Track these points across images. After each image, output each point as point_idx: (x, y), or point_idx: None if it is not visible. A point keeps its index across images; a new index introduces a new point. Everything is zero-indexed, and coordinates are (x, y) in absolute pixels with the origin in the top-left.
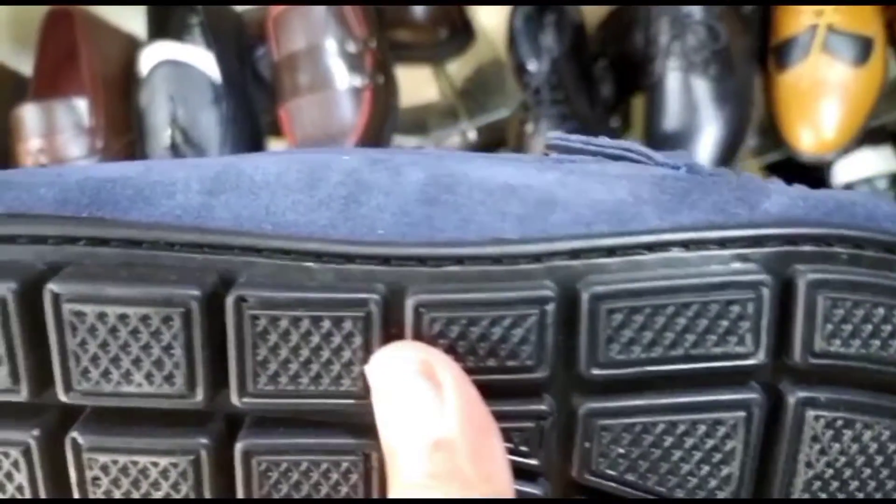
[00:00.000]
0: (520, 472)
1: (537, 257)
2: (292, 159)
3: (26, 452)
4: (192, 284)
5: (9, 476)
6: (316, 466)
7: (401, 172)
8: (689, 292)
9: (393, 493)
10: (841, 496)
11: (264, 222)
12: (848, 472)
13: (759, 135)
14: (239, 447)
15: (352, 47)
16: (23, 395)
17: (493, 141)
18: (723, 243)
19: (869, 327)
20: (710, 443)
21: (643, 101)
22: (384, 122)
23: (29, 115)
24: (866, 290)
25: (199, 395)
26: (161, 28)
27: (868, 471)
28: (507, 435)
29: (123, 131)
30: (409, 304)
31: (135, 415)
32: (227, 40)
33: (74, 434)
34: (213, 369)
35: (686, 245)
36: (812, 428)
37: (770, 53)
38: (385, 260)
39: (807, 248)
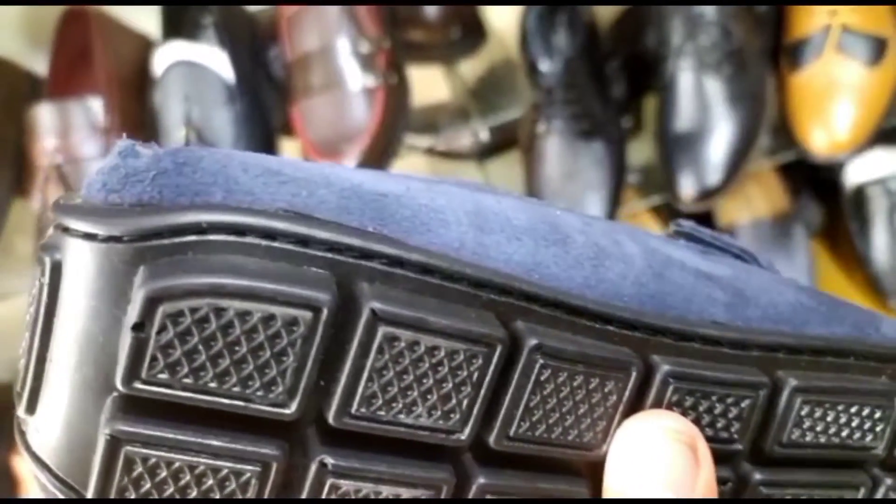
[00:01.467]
0: None
1: (745, 345)
2: (526, 208)
3: (264, 472)
4: (491, 324)
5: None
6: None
7: (619, 242)
8: (859, 395)
9: None
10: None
11: (532, 271)
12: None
13: (771, 134)
14: (477, 484)
15: (364, 47)
16: (289, 411)
17: (504, 141)
18: (867, 357)
19: None
20: None
21: (655, 100)
22: (396, 121)
23: (44, 114)
24: None
25: (466, 434)
26: (175, 28)
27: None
28: None
29: (138, 130)
30: (661, 373)
31: (389, 442)
32: (240, 41)
33: (325, 457)
34: (489, 410)
35: (845, 354)
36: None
37: (783, 53)
38: (634, 327)
39: None
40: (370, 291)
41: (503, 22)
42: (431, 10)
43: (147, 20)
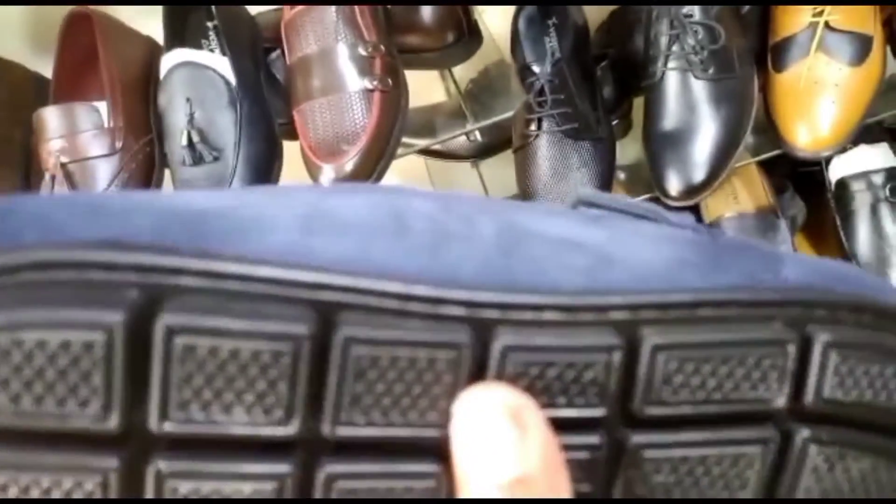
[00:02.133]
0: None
1: (603, 309)
2: (371, 201)
3: (104, 485)
4: (301, 322)
5: None
6: (390, 492)
7: (473, 221)
8: (732, 347)
9: None
10: None
11: (361, 263)
12: (834, 496)
13: (755, 133)
14: (322, 473)
15: (362, 51)
16: (111, 425)
17: (498, 141)
18: (755, 304)
19: (866, 379)
20: (732, 472)
21: (644, 101)
22: (394, 123)
23: (51, 116)
24: (867, 349)
25: (294, 427)
26: (177, 32)
27: (851, 495)
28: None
29: (143, 131)
30: (496, 347)
31: (220, 443)
32: (241, 43)
33: (159, 463)
34: (312, 402)
35: (725, 304)
36: (813, 461)
37: (769, 53)
38: (472, 305)
39: (819, 312)
40: (170, 305)
41: (497, 26)
42: (427, 16)
43: (150, 23)
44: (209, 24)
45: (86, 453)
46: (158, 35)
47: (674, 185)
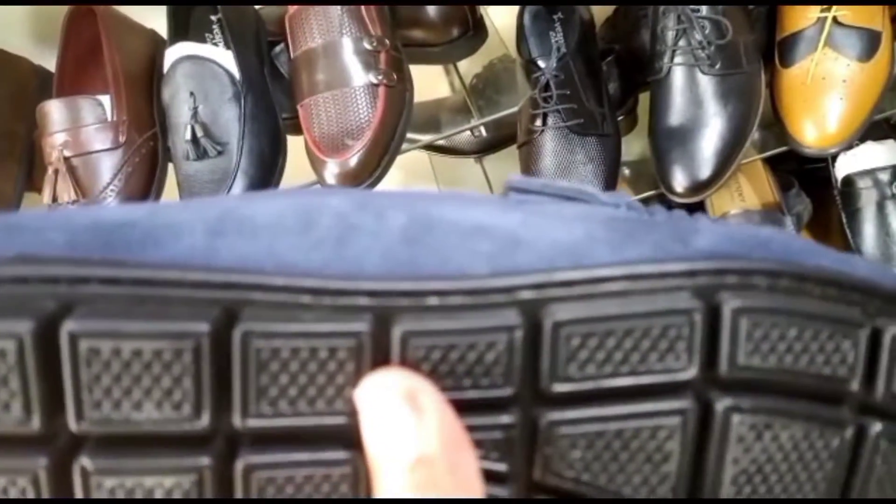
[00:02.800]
0: (489, 476)
1: (506, 290)
2: (287, 203)
3: (35, 482)
4: (200, 319)
5: None
6: (309, 479)
7: (384, 215)
8: (635, 319)
9: (382, 496)
10: (762, 488)
11: (265, 262)
12: (768, 467)
13: (762, 129)
14: (239, 464)
15: (367, 45)
16: (34, 426)
17: (503, 136)
18: (663, 276)
19: (783, 345)
20: (651, 445)
21: (650, 96)
22: (399, 118)
23: (54, 110)
24: (781, 314)
25: (205, 420)
26: (181, 26)
27: (785, 465)
28: (478, 444)
29: (146, 126)
30: (396, 333)
31: (140, 440)
32: (246, 37)
33: (83, 460)
34: (219, 396)
35: (633, 278)
36: (737, 430)
37: (776, 48)
38: (374, 294)
39: (731, 279)
40: (76, 313)
41: (503, 20)
42: (432, 10)
43: (155, 18)
44: (213, 18)
45: (16, 454)
46: (162, 29)
47: (679, 181)
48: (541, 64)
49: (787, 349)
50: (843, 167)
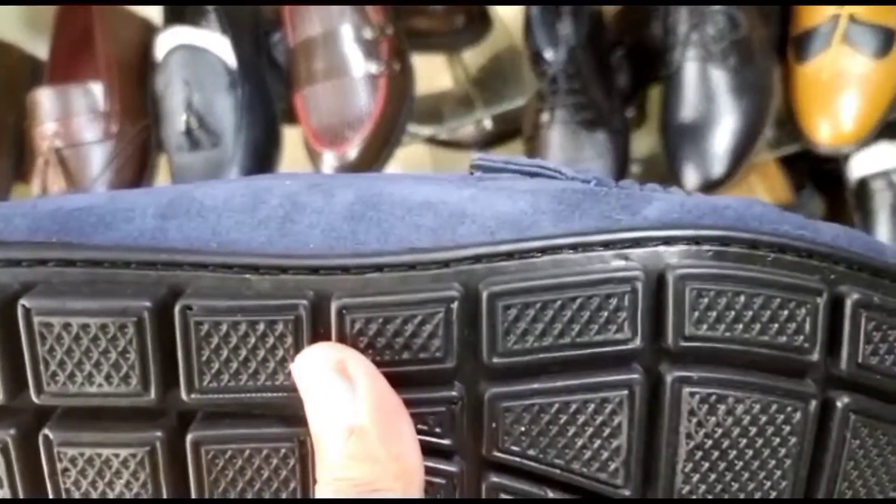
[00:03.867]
0: (437, 452)
1: (446, 263)
2: (239, 185)
3: (4, 450)
4: (144, 297)
5: None
6: (258, 453)
7: (334, 194)
8: (573, 288)
9: (319, 473)
10: (721, 464)
11: (210, 241)
12: (726, 442)
13: (776, 126)
14: (189, 438)
15: (368, 34)
16: (0, 399)
17: (508, 130)
18: (606, 245)
19: (732, 313)
20: (599, 419)
21: (660, 91)
22: (400, 109)
23: (44, 99)
24: (728, 281)
25: (153, 394)
26: (177, 14)
27: (744, 440)
28: (422, 419)
29: (139, 116)
30: (333, 307)
31: (99, 413)
32: (242, 25)
33: (46, 431)
34: (165, 370)
35: (574, 248)
36: (688, 403)
37: (790, 44)
38: (314, 270)
39: (678, 247)
40: (33, 291)
41: (508, 10)
42: None
43: (149, 7)
44: (209, 6)
45: None
46: (157, 19)
47: (691, 178)
48: (548, 56)
49: (735, 318)
50: (857, 168)
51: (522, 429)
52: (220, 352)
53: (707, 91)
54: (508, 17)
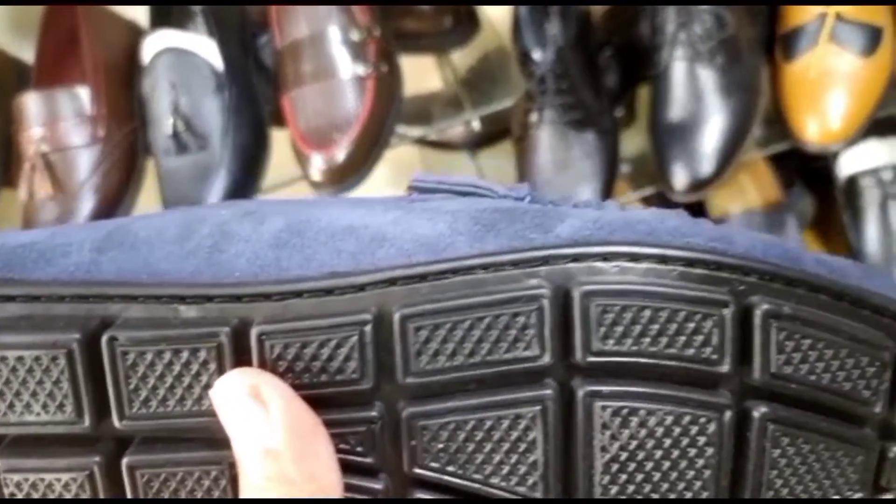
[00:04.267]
0: (361, 470)
1: (362, 286)
2: (175, 216)
3: None
4: (74, 329)
5: None
6: (190, 475)
7: (264, 221)
8: (481, 308)
9: (241, 493)
10: (639, 476)
11: (142, 272)
12: (641, 454)
13: (764, 125)
14: (125, 462)
15: (355, 36)
16: None
17: (497, 131)
18: (516, 264)
19: (638, 328)
20: (514, 434)
21: (649, 90)
22: (388, 111)
23: (31, 103)
24: (634, 296)
25: (87, 422)
26: (163, 16)
27: (659, 452)
28: (344, 439)
29: (126, 120)
30: (253, 333)
31: (41, 440)
32: (229, 28)
33: None
34: (97, 399)
35: (486, 268)
36: (601, 417)
37: (778, 43)
38: (238, 298)
39: (587, 263)
40: None
41: (496, 11)
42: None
43: (135, 8)
44: (196, 9)
45: None
46: (143, 22)
47: (680, 178)
48: (537, 56)
49: (641, 332)
50: (846, 166)
51: (440, 446)
52: (146, 379)
53: (695, 90)
54: (497, 18)
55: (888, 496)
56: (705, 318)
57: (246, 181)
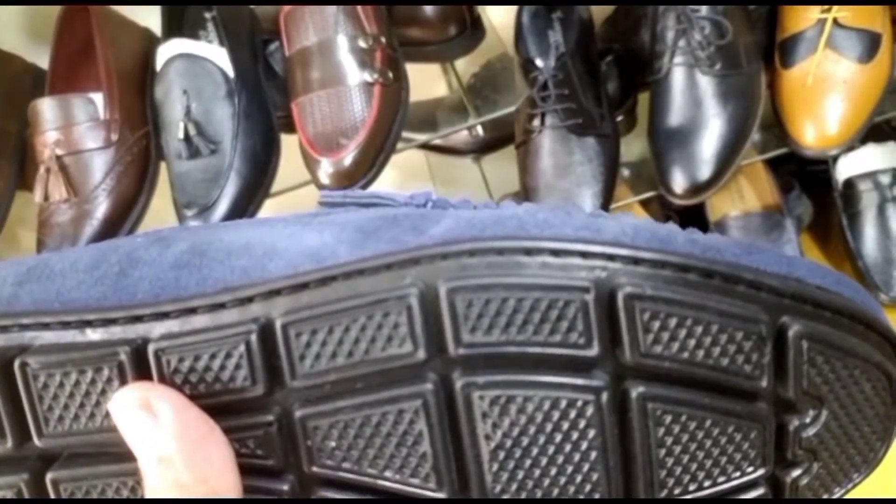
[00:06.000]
0: (265, 472)
1: (251, 298)
2: (91, 248)
3: None
4: None
5: None
6: (109, 487)
7: (169, 245)
8: (355, 311)
9: (146, 496)
10: (527, 461)
11: (55, 301)
12: (525, 441)
13: (762, 129)
14: (48, 478)
15: (363, 43)
16: None
17: (500, 136)
18: (389, 266)
19: (503, 318)
20: (400, 428)
21: (649, 97)
22: (394, 117)
23: (46, 108)
24: (497, 289)
25: (10, 441)
26: (175, 24)
27: (542, 437)
28: (244, 443)
29: (139, 124)
30: (150, 350)
31: None
32: (240, 35)
33: None
34: (17, 420)
35: (362, 272)
36: (480, 407)
37: (776, 49)
38: (139, 318)
39: (454, 261)
40: None
41: (500, 19)
42: (429, 8)
43: (148, 16)
44: (207, 16)
45: None
46: (156, 27)
47: (679, 182)
48: (539, 63)
49: (507, 322)
50: (844, 169)
51: (333, 444)
52: (57, 399)
53: (694, 96)
54: (500, 26)
55: (797, 471)
56: (567, 305)
57: (256, 184)
